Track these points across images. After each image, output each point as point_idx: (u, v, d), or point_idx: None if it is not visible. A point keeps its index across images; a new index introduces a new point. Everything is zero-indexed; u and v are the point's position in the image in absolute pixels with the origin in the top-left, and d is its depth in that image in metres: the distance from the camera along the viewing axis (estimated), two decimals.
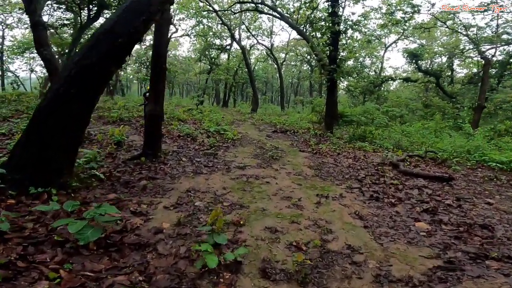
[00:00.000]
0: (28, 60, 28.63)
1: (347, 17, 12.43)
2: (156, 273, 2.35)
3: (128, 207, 3.56)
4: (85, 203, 3.45)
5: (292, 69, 42.69)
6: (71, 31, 16.20)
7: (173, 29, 24.66)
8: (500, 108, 19.35)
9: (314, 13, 14.76)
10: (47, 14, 16.08)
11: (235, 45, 26.26)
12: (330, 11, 11.80)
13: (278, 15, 16.83)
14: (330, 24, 11.66)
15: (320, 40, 12.96)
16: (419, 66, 24.16)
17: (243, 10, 21.00)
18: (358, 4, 13.89)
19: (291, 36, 37.22)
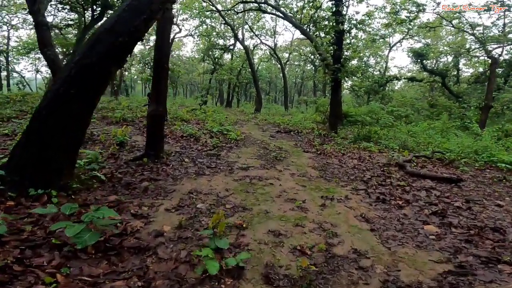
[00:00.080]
0: (34, 61, 29.02)
1: (351, 16, 12.34)
2: (156, 278, 2.28)
3: (129, 209, 3.50)
4: (85, 205, 3.39)
5: (296, 69, 42.64)
6: (76, 32, 16.31)
7: (177, 29, 24.80)
8: (508, 108, 19.08)
9: (318, 13, 14.70)
10: (52, 15, 16.24)
11: (239, 45, 26.35)
12: (334, 10, 11.72)
13: (282, 15, 16.78)
14: (334, 24, 11.58)
15: (324, 40, 12.87)
16: (425, 66, 23.95)
17: (246, 10, 20.97)
18: (362, 3, 13.80)
19: (295, 36, 37.27)
